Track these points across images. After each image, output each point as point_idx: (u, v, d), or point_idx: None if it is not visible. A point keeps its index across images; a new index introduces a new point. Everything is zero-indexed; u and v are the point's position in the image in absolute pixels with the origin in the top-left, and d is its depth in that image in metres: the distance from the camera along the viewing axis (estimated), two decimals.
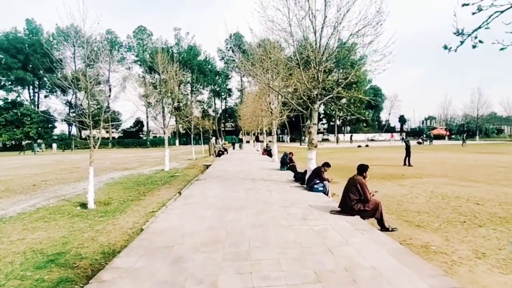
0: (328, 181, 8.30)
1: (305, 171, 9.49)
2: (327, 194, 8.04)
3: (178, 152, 37.24)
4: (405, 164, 17.18)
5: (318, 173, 8.27)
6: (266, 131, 27.28)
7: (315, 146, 9.07)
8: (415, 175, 13.48)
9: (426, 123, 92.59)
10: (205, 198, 7.44)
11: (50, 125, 65.85)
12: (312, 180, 8.27)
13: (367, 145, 39.65)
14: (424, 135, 71.84)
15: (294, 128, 67.53)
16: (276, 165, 15.68)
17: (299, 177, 9.90)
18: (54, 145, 46.37)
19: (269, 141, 29.67)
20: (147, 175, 14.64)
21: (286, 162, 13.27)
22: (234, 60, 69.81)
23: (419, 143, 43.79)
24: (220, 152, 25.62)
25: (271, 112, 17.21)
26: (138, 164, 21.77)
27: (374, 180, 12.24)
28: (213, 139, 27.25)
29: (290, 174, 12.02)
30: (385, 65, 8.29)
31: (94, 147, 8.21)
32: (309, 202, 6.80)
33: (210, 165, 17.14)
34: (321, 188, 8.07)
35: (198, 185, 9.71)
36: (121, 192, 10.20)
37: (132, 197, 9.16)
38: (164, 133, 16.90)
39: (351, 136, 54.77)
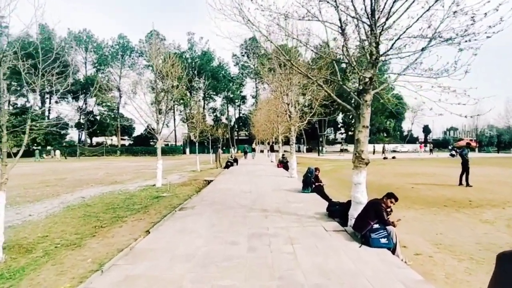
0: (394, 226, 4.75)
1: (348, 203, 5.96)
2: (394, 251, 4.49)
3: (185, 161, 34.14)
4: (461, 183, 13.28)
5: (377, 212, 4.72)
6: (282, 139, 23.81)
7: (366, 163, 5.53)
8: (489, 202, 9.71)
9: (449, 134, 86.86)
10: (170, 261, 3.99)
11: (63, 132, 64.56)
12: (366, 224, 4.71)
13: (393, 157, 35.39)
14: (450, 147, 66.40)
15: (311, 137, 63.59)
16: (296, 184, 12.12)
17: (336, 211, 6.30)
18: (58, 152, 44.28)
19: (285, 151, 26.14)
20: (130, 193, 11.47)
21: (311, 182, 9.69)
22: (249, 66, 67.02)
23: (452, 155, 39.08)
24: (229, 163, 22.23)
25: (289, 116, 13.74)
26: (133, 176, 18.71)
27: (437, 210, 8.65)
28: (219, 149, 23.89)
29: (317, 200, 8.46)
30: (489, 30, 4.63)
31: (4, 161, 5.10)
32: (377, 285, 3.26)
33: (212, 180, 13.78)
34: (384, 240, 4.50)
35: (178, 220, 6.28)
36: (73, 224, 7.06)
37: (77, 236, 6.05)
38: (157, 140, 13.68)
39: (384, 146, 47.76)
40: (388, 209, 4.87)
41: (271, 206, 7.48)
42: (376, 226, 4.65)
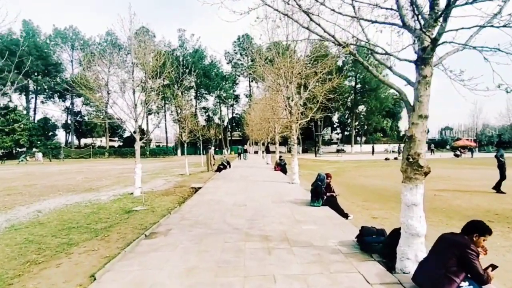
0: (489, 281, 2.80)
1: (395, 233, 3.99)
2: None
3: (175, 163, 31.95)
4: (499, 190, 11.37)
5: (466, 262, 2.75)
6: (278, 140, 21.83)
7: (425, 173, 3.57)
8: None
9: (445, 134, 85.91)
10: None
11: (50, 133, 61.63)
12: (447, 281, 2.74)
13: (396, 158, 33.62)
14: (448, 146, 65.09)
15: (307, 137, 61.75)
16: (299, 192, 10.13)
17: (372, 242, 4.30)
18: (40, 155, 41.81)
19: (280, 152, 24.20)
20: (100, 204, 9.42)
21: (321, 192, 7.69)
22: (242, 64, 64.94)
23: (456, 155, 37.52)
24: (221, 167, 20.18)
25: (290, 112, 11.76)
26: (113, 181, 16.60)
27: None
28: (211, 150, 21.80)
29: (334, 219, 6.46)
30: None
31: None
32: None
33: (200, 188, 11.74)
34: None
35: (138, 260, 4.21)
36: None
37: None
38: (136, 140, 11.58)
39: (399, 146, 45.89)
40: (482, 250, 2.92)
41: (275, 230, 5.45)
42: (465, 285, 2.70)
